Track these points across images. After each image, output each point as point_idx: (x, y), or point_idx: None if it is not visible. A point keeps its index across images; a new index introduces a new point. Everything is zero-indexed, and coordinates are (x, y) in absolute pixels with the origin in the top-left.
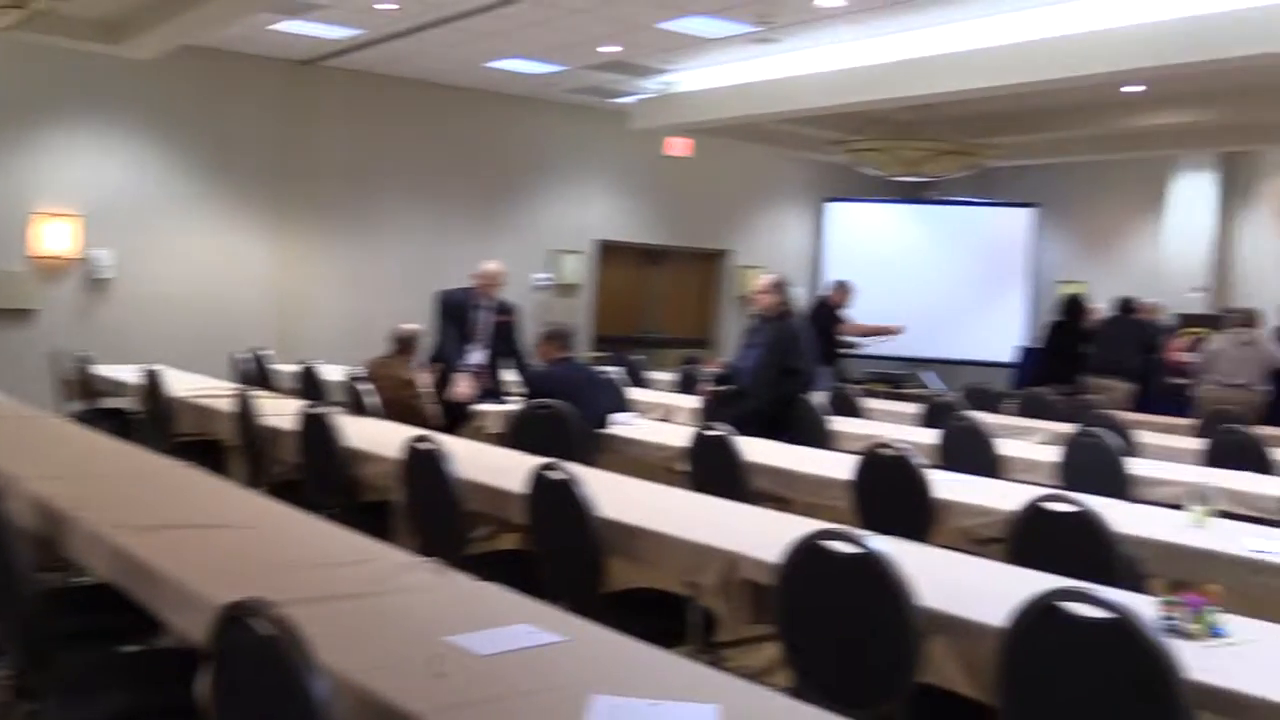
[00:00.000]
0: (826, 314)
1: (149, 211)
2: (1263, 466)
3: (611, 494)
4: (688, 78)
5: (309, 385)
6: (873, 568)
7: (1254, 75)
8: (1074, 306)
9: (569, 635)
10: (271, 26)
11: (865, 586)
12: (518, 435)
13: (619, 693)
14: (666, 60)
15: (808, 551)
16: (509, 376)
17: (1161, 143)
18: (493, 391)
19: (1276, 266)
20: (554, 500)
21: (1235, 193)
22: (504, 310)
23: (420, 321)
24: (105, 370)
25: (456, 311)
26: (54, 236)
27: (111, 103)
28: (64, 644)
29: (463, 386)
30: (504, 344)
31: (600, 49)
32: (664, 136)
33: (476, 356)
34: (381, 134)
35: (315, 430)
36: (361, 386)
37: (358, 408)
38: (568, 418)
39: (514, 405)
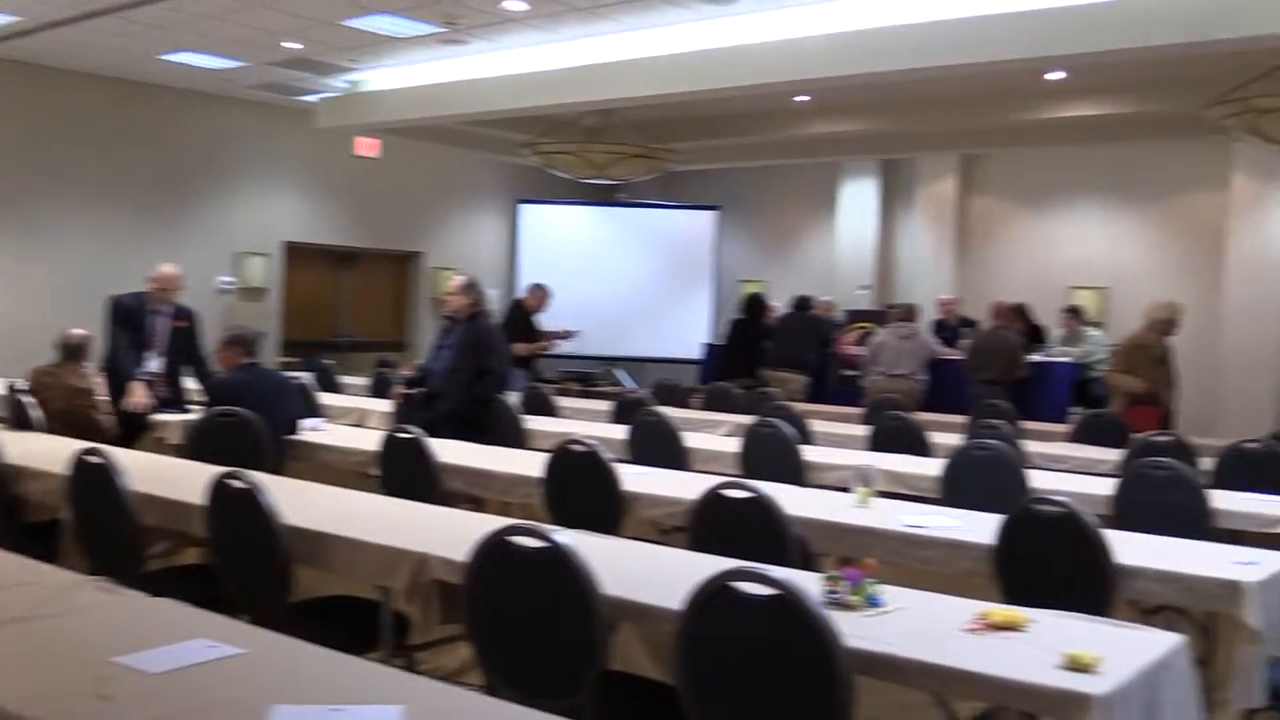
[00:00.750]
0: (523, 316)
1: None
2: (921, 449)
3: (298, 501)
4: (376, 77)
5: None
6: (557, 560)
7: (908, 89)
8: (754, 304)
9: (249, 647)
10: None
11: (551, 579)
12: (199, 445)
13: (300, 701)
14: (353, 58)
15: (494, 548)
16: (191, 385)
17: (829, 150)
18: (172, 400)
19: (931, 265)
20: (236, 510)
21: (894, 197)
22: (182, 315)
23: (92, 328)
24: None
25: (130, 317)
26: None
27: None
28: None
29: (138, 396)
30: (183, 351)
31: (284, 44)
32: (353, 136)
33: (153, 364)
34: (46, 129)
35: None
36: (25, 398)
37: (21, 421)
38: (253, 425)
39: (195, 415)
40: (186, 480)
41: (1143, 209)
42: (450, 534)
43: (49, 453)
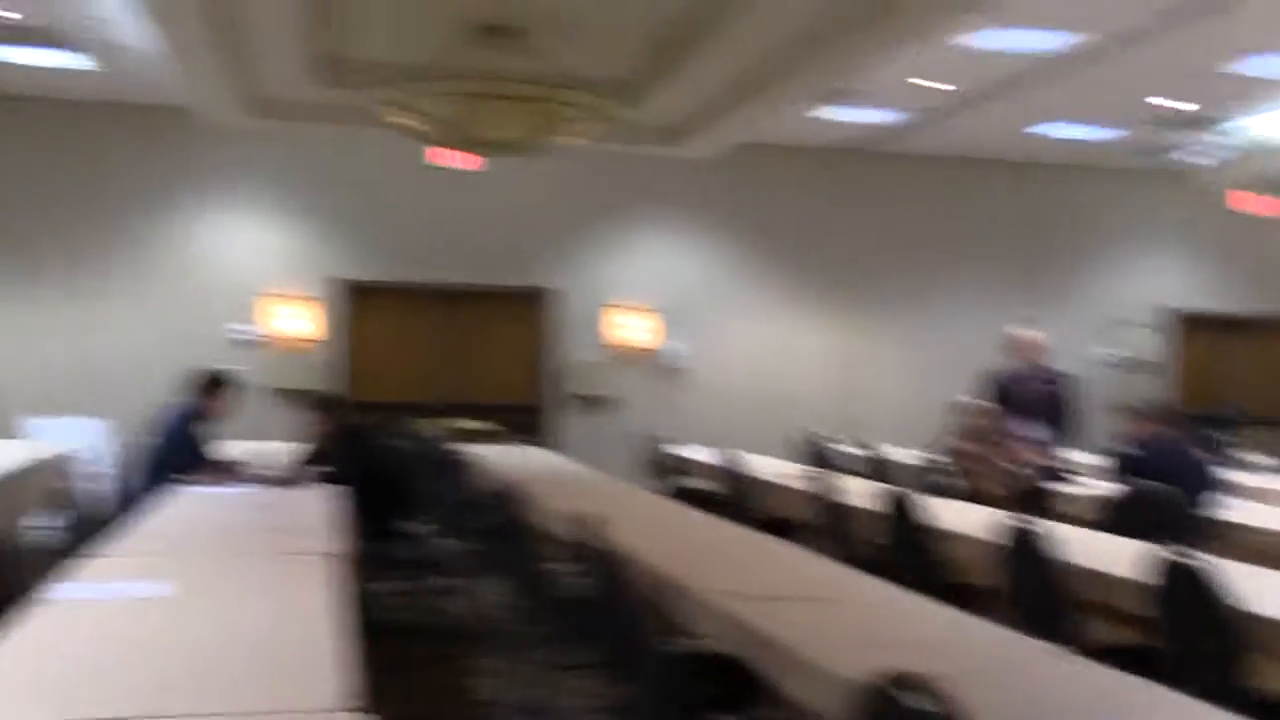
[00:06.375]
0: None
1: (713, 303)
2: None
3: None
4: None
5: (876, 467)
6: None
7: None
8: None
9: None
10: (810, 114)
11: None
12: (1113, 518)
13: None
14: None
15: None
16: (1077, 455)
17: None
18: (1053, 469)
19: None
20: (1183, 590)
21: None
22: (1051, 380)
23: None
24: (678, 450)
25: (1000, 387)
26: (627, 328)
27: (673, 201)
28: (690, 709)
29: (1027, 458)
30: (1051, 416)
31: (1150, 100)
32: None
33: (1035, 431)
34: (923, 213)
35: (901, 510)
36: (941, 466)
37: (936, 488)
38: (1175, 501)
39: (1088, 487)
40: (1108, 553)
41: None
42: None
43: (968, 518)
